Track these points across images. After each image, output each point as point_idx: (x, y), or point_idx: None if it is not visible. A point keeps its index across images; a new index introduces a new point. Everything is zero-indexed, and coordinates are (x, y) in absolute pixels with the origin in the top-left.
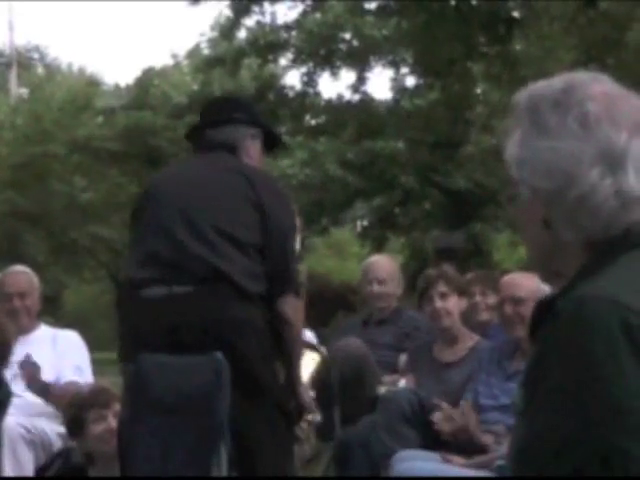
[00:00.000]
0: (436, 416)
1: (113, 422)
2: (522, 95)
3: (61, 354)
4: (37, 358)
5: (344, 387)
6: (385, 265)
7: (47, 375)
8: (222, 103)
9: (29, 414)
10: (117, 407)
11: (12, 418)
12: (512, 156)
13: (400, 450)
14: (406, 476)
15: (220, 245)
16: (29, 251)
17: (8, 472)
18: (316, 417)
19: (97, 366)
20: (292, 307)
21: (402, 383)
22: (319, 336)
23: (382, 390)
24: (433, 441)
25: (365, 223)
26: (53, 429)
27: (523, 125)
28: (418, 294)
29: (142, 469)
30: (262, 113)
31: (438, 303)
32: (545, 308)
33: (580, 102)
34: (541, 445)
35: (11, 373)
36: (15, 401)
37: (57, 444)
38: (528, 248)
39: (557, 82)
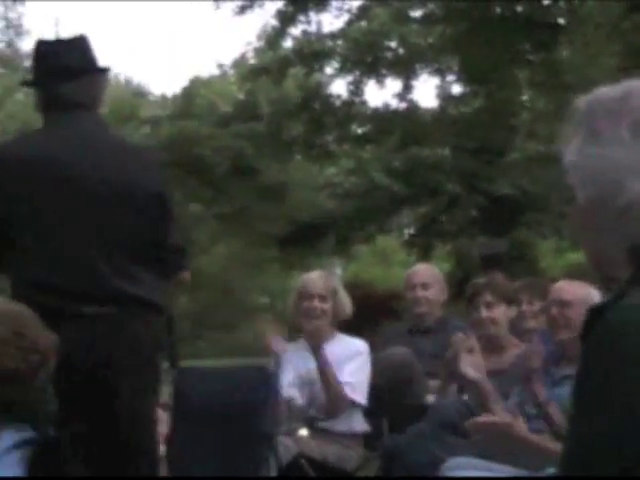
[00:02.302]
0: (470, 423)
1: (162, 428)
2: (582, 101)
3: None
4: None
5: (390, 395)
6: (428, 271)
7: None
8: (76, 47)
9: None
10: (159, 413)
11: None
12: (568, 162)
13: (449, 459)
14: None
15: (131, 269)
16: None
17: None
18: (365, 426)
19: None
20: (187, 276)
21: (452, 391)
22: (370, 344)
23: (430, 399)
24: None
25: (411, 231)
26: None
27: (581, 131)
28: (466, 302)
29: (186, 475)
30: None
31: (484, 312)
32: (595, 315)
33: (634, 110)
34: (588, 448)
35: None
36: None
37: None
38: (585, 253)
39: (617, 89)
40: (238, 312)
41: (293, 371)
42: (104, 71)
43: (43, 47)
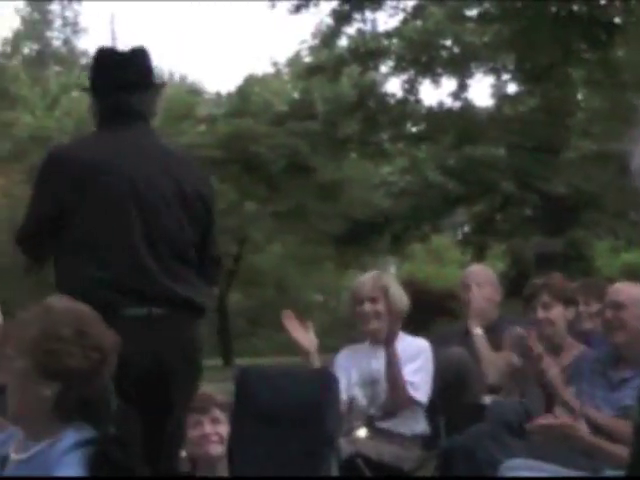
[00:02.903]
0: (531, 425)
1: (209, 427)
2: None
3: None
4: None
5: (447, 396)
6: (482, 272)
7: None
8: (139, 60)
9: None
10: (216, 413)
11: None
12: (634, 165)
13: (506, 460)
14: None
15: (178, 269)
16: None
17: None
18: (425, 427)
19: None
20: (215, 291)
21: (509, 392)
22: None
23: (487, 399)
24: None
25: (465, 229)
26: None
27: None
28: (523, 303)
29: (247, 477)
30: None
31: (541, 313)
32: None
33: None
34: None
35: None
36: None
37: None
38: None
39: None
40: (293, 310)
41: (356, 372)
42: (161, 86)
43: (104, 57)
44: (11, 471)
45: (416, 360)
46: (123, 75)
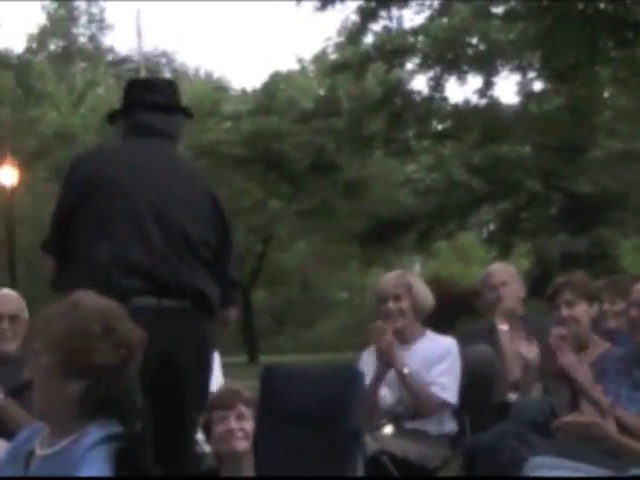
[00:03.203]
0: (557, 423)
1: (234, 423)
2: None
3: None
4: None
5: (473, 394)
6: (505, 271)
7: None
8: (166, 88)
9: None
10: (242, 409)
11: None
12: None
13: (532, 458)
14: None
15: (192, 262)
16: None
17: None
18: (453, 427)
19: (223, 369)
20: (234, 314)
21: (536, 390)
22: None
23: (512, 397)
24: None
25: (490, 228)
26: None
27: None
28: (547, 300)
29: (274, 474)
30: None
31: (564, 311)
32: None
33: None
34: None
35: None
36: None
37: None
38: None
39: None
40: (317, 308)
41: None
42: (188, 114)
43: (134, 83)
44: (36, 467)
45: (444, 360)
46: (151, 97)
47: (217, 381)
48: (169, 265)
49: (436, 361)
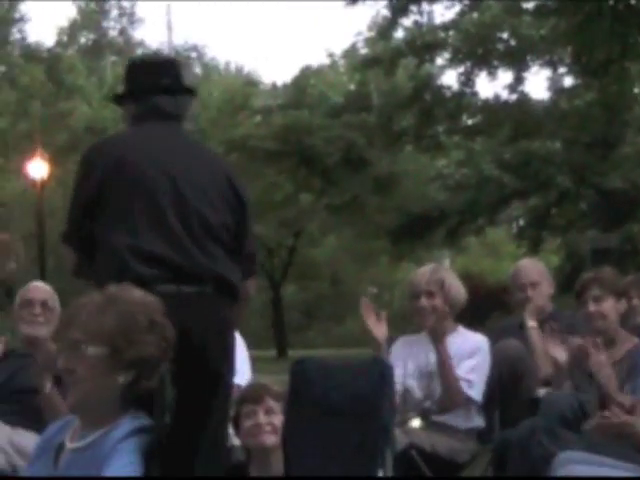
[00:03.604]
0: (588, 424)
1: (263, 418)
2: None
3: None
4: None
5: (502, 389)
6: (534, 268)
7: None
8: (170, 68)
9: None
10: (271, 403)
11: None
12: None
13: (561, 453)
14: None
15: (211, 248)
16: None
17: None
18: (480, 422)
19: (252, 363)
20: (254, 287)
21: (567, 385)
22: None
23: (542, 393)
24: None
25: (520, 223)
26: None
27: None
28: (575, 296)
29: (303, 469)
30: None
31: (592, 307)
32: None
33: None
34: None
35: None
36: None
37: None
38: None
39: None
40: (347, 303)
41: (413, 363)
42: (193, 91)
43: (137, 65)
44: (66, 460)
45: (473, 357)
46: (155, 80)
47: (246, 375)
48: (188, 252)
49: (466, 357)
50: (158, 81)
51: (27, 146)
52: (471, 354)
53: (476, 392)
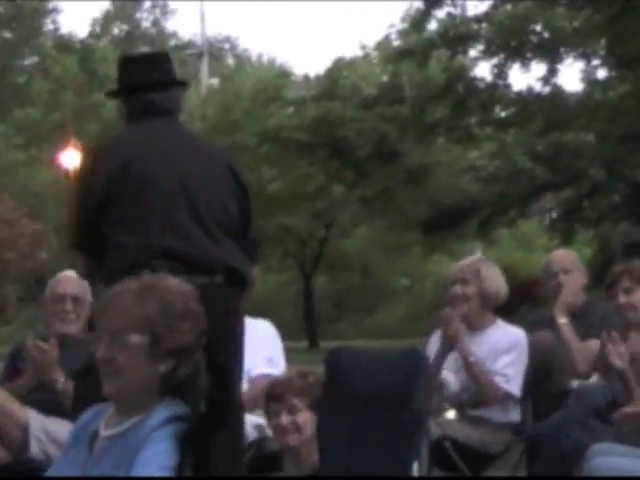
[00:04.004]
0: (617, 414)
1: (285, 418)
2: None
3: (253, 344)
4: None
5: (535, 381)
6: (567, 257)
7: None
8: (162, 63)
9: None
10: (293, 401)
11: None
12: None
13: (593, 444)
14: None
15: (221, 238)
16: None
17: None
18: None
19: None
20: (258, 273)
21: (594, 378)
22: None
23: (574, 384)
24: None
25: (553, 216)
26: (249, 420)
27: None
28: (606, 289)
29: (337, 460)
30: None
31: (622, 298)
32: None
33: None
34: None
35: None
36: None
37: (252, 435)
38: None
39: None
40: (378, 294)
41: (451, 354)
42: (185, 84)
43: (128, 62)
44: (100, 447)
45: (512, 352)
46: (147, 76)
47: (279, 366)
48: (199, 244)
49: (504, 351)
50: (149, 76)
51: (60, 136)
52: (509, 348)
53: (514, 386)
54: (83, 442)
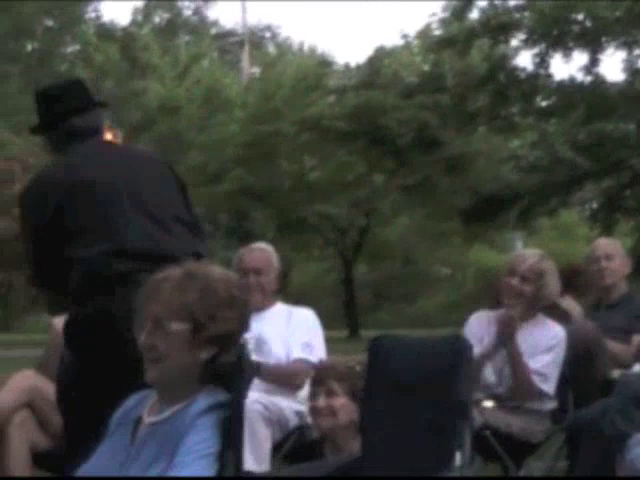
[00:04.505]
0: None
1: (322, 400)
2: None
3: (293, 331)
4: (270, 335)
5: (576, 370)
6: (610, 244)
7: (278, 351)
8: (76, 88)
9: (266, 391)
10: (332, 385)
11: (250, 394)
12: None
13: (635, 434)
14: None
15: (176, 229)
16: (257, 228)
17: (246, 449)
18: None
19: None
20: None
21: (637, 367)
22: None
23: (616, 373)
24: None
25: (594, 205)
26: (290, 406)
27: None
28: None
29: (379, 448)
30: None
31: None
32: None
33: None
34: None
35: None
36: None
37: (293, 421)
38: None
39: None
40: (419, 283)
41: (488, 341)
42: (102, 104)
43: (43, 95)
44: (143, 434)
45: (552, 351)
46: (65, 105)
47: (320, 354)
48: (157, 240)
49: (544, 351)
50: (69, 103)
51: None
52: (549, 348)
53: (549, 386)
54: (126, 428)
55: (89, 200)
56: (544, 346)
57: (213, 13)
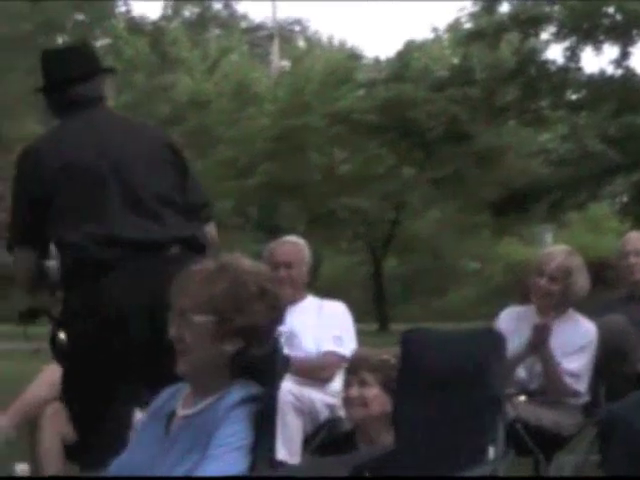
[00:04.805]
0: None
1: (354, 390)
2: None
3: (323, 324)
4: (301, 328)
5: (607, 363)
6: None
7: (309, 345)
8: (81, 55)
9: (298, 382)
10: (365, 376)
11: (282, 384)
12: None
13: None
14: None
15: (164, 214)
16: (287, 222)
17: (278, 439)
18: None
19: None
20: (214, 230)
21: None
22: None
23: None
24: None
25: (624, 199)
26: (321, 399)
27: None
28: None
29: (412, 441)
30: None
31: None
32: None
33: None
34: None
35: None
36: None
37: (324, 414)
38: None
39: None
40: (448, 276)
41: (519, 337)
42: (108, 70)
43: (49, 58)
44: (177, 427)
45: (585, 351)
46: (70, 69)
47: (348, 347)
48: (142, 226)
49: (578, 351)
50: (73, 69)
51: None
52: (583, 348)
53: (582, 385)
54: (160, 421)
55: (78, 183)
56: (577, 345)
57: (243, 7)
